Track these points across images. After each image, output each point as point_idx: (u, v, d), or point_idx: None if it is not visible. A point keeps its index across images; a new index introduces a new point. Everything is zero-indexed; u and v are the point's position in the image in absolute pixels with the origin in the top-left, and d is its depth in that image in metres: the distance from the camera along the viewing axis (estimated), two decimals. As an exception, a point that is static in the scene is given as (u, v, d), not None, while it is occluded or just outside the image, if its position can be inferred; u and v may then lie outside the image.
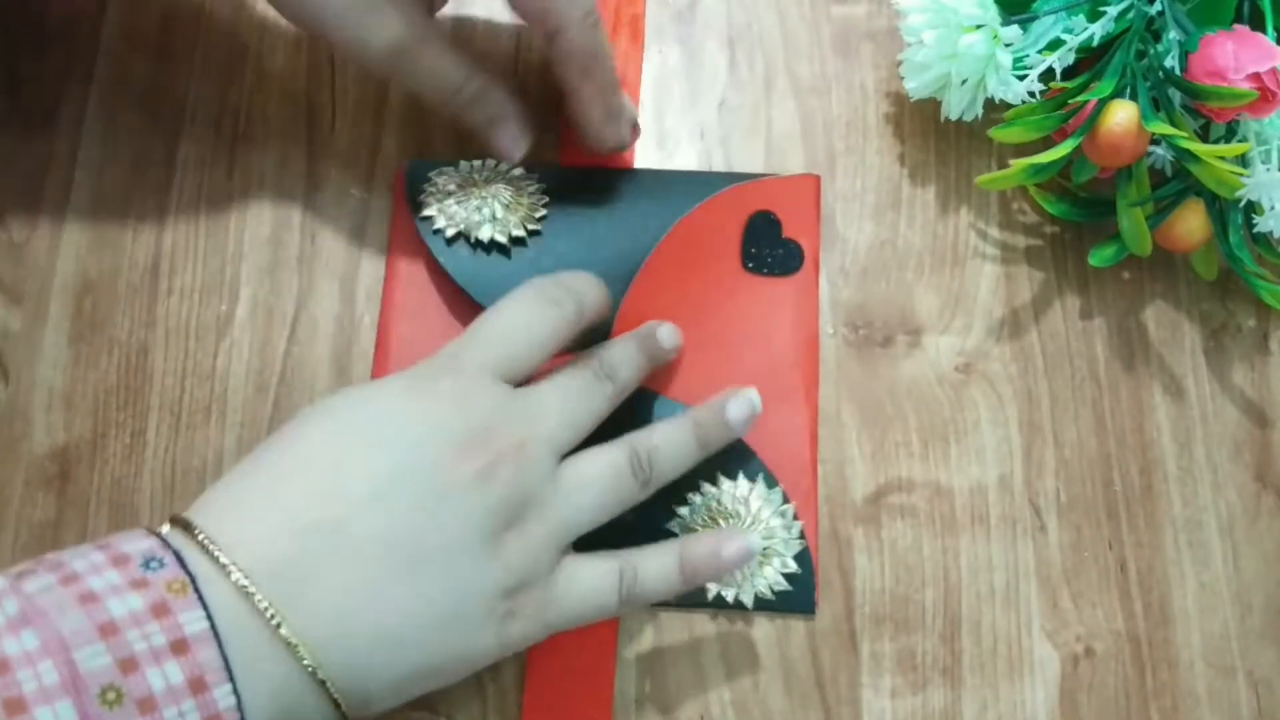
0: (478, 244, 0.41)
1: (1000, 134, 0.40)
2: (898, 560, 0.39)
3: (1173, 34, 0.39)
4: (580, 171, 0.43)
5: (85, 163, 0.43)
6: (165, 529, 0.30)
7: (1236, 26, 0.38)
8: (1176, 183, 0.41)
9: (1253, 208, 0.40)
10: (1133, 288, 0.43)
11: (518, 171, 0.42)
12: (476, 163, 0.42)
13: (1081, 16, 0.40)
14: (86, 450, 0.40)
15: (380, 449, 0.31)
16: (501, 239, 0.41)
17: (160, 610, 0.26)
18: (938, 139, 0.44)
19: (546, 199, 0.42)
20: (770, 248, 0.42)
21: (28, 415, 0.40)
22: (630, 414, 0.38)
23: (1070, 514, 0.40)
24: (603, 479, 0.34)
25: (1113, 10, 0.39)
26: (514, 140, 0.41)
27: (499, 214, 0.41)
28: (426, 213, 0.41)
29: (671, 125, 0.44)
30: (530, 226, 0.41)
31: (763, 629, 0.38)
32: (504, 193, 0.41)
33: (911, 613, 0.38)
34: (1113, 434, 0.40)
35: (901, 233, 0.43)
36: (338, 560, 0.29)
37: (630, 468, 0.35)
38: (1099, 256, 0.41)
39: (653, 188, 0.43)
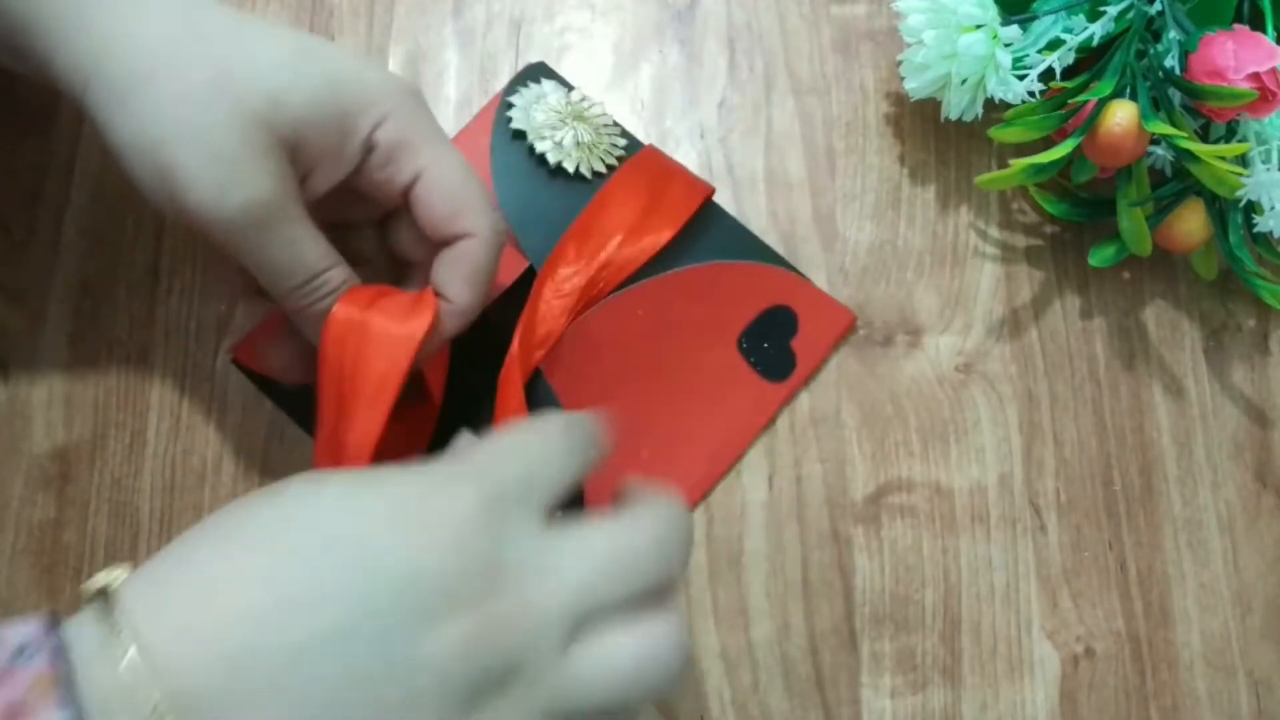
0: (531, 152, 0.42)
1: (1000, 134, 0.40)
2: (898, 560, 0.39)
3: (1173, 34, 0.39)
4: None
5: (85, 163, 0.43)
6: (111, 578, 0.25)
7: (1236, 26, 0.38)
8: (1176, 183, 0.41)
9: (1253, 208, 0.40)
10: (1133, 288, 0.43)
11: (609, 119, 0.43)
12: (579, 93, 0.43)
13: (1081, 16, 0.40)
14: (86, 450, 0.40)
15: (353, 578, 0.25)
16: (551, 162, 0.42)
17: (15, 712, 0.22)
18: (938, 139, 0.44)
19: (620, 155, 0.43)
20: (771, 345, 0.41)
21: (28, 415, 0.40)
22: None
23: (1070, 514, 0.40)
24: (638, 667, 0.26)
25: (1113, 10, 0.39)
26: None
27: (566, 144, 0.42)
28: (510, 99, 0.43)
29: (671, 125, 0.44)
30: (583, 171, 0.42)
31: (763, 629, 0.38)
32: (585, 132, 0.42)
33: (911, 613, 0.38)
34: (1113, 434, 0.40)
35: (901, 233, 0.43)
36: (271, 708, 0.23)
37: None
38: (1099, 256, 0.41)
39: (713, 221, 0.42)
